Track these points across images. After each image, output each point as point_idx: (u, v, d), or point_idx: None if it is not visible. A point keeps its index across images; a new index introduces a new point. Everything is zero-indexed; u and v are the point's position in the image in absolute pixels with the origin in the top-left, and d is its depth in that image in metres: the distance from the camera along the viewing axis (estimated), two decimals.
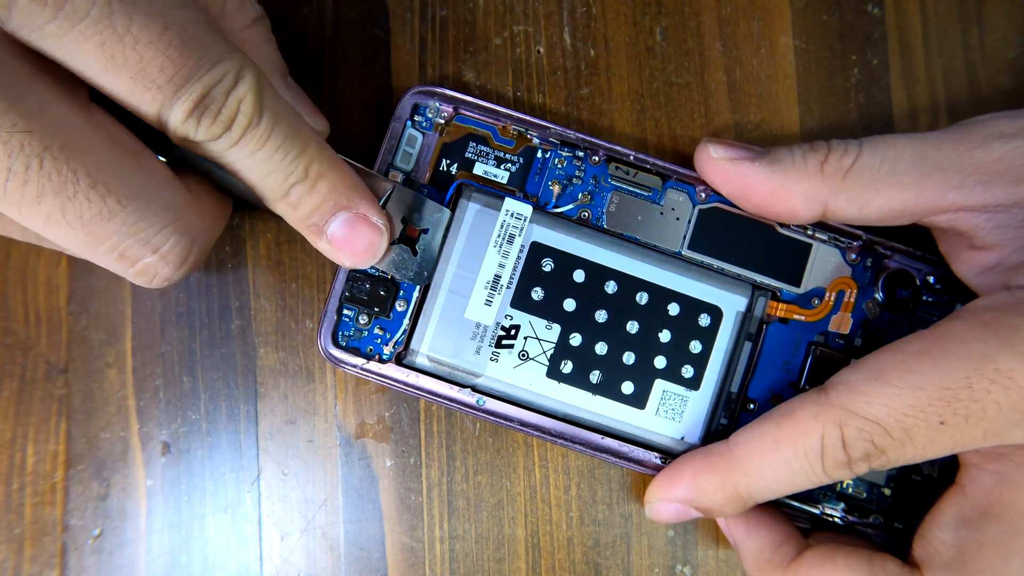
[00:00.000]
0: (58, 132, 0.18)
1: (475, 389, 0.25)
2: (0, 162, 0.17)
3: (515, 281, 0.25)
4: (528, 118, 0.26)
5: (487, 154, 0.26)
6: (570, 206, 0.26)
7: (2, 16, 0.17)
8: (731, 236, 0.26)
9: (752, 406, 0.26)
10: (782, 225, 0.26)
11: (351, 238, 0.22)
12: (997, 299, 0.22)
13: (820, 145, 0.24)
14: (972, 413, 0.20)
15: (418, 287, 0.25)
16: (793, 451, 0.22)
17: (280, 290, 0.27)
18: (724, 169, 0.24)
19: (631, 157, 0.26)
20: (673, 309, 0.26)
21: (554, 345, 0.25)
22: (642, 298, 0.26)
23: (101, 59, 0.18)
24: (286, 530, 0.26)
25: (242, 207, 0.26)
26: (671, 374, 0.26)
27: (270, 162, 0.20)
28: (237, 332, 0.26)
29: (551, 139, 0.26)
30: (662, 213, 0.26)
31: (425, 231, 0.24)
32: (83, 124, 0.19)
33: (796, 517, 0.26)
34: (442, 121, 0.26)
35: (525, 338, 0.25)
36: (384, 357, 0.25)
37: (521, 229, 0.25)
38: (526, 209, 0.25)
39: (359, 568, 0.26)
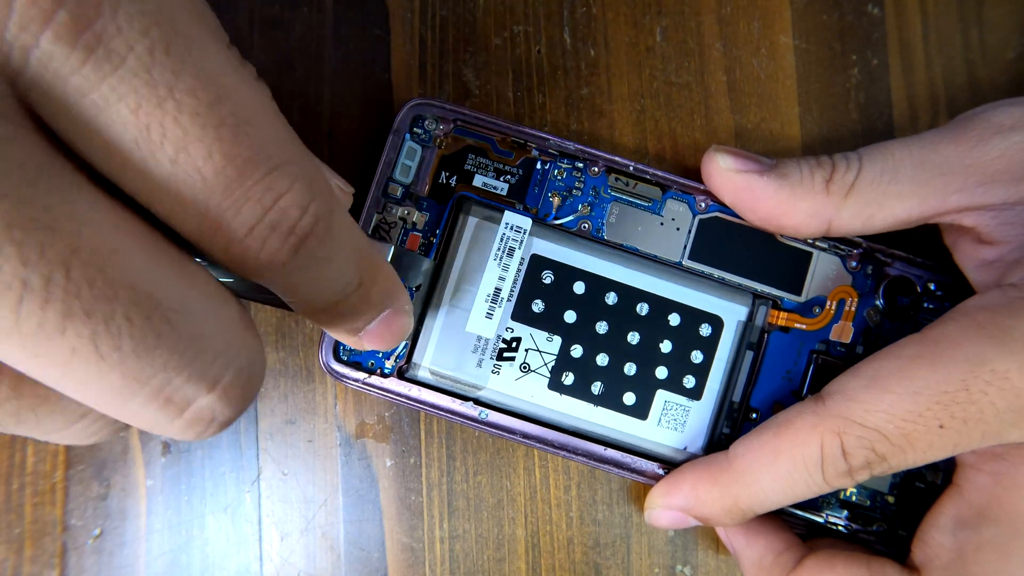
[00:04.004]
0: (86, 226, 0.13)
1: (477, 402, 0.25)
2: (10, 276, 0.12)
3: (516, 294, 0.25)
4: (527, 130, 0.26)
5: (486, 166, 0.26)
6: (570, 218, 0.26)
7: (17, 63, 0.12)
8: (731, 245, 0.26)
9: (754, 415, 0.26)
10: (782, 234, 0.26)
11: (384, 334, 0.19)
12: (989, 299, 0.22)
13: (826, 161, 0.24)
14: (970, 416, 0.20)
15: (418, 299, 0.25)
16: (792, 461, 0.22)
17: None
18: (732, 180, 0.24)
19: (631, 168, 0.26)
20: (674, 319, 0.26)
21: (555, 357, 0.25)
22: (643, 309, 0.26)
23: (133, 129, 0.13)
24: (286, 530, 0.26)
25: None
26: (673, 384, 0.26)
27: (331, 279, 0.17)
28: None
29: (550, 150, 0.26)
30: (662, 223, 0.26)
31: (416, 287, 0.24)
32: (111, 215, 0.14)
33: (795, 524, 0.26)
34: (441, 133, 0.26)
35: (526, 350, 0.25)
36: (386, 371, 0.25)
37: (521, 242, 0.25)
38: (526, 222, 0.25)
39: (359, 568, 0.26)
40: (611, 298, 0.25)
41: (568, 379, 0.25)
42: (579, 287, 0.25)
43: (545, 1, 0.27)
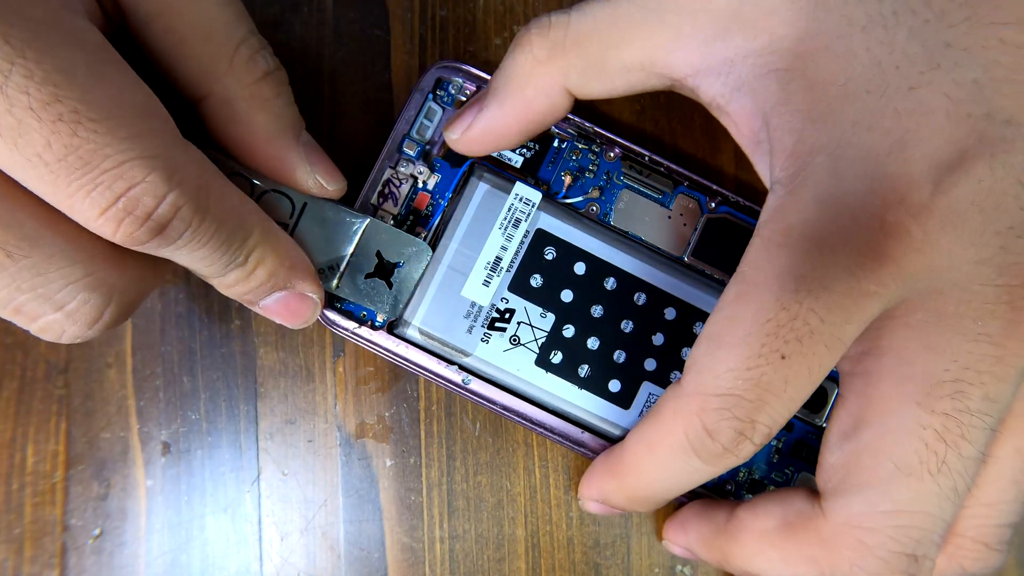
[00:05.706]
0: None
1: (462, 368, 0.25)
2: None
3: (515, 265, 0.25)
4: None
5: None
6: (579, 198, 0.26)
7: None
8: (736, 249, 0.26)
9: None
10: None
11: (283, 311, 0.22)
12: (768, 206, 0.20)
13: (533, 33, 0.22)
14: (801, 332, 0.18)
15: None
16: (665, 453, 0.21)
17: None
18: (469, 142, 0.23)
19: (647, 158, 0.26)
20: (669, 313, 0.26)
21: (546, 334, 0.25)
22: (640, 298, 0.26)
23: None
24: (286, 530, 0.26)
25: None
26: (659, 378, 0.26)
27: (208, 257, 0.19)
28: (237, 332, 0.26)
29: (569, 130, 0.26)
30: (670, 217, 0.26)
31: (399, 264, 0.24)
32: None
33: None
34: (464, 98, 0.26)
35: (518, 323, 0.25)
36: (377, 324, 0.25)
37: (528, 214, 0.25)
38: (535, 195, 0.25)
39: (359, 568, 0.26)
40: (610, 283, 0.25)
41: (556, 358, 0.25)
42: (579, 268, 0.25)
43: (545, 1, 0.27)
